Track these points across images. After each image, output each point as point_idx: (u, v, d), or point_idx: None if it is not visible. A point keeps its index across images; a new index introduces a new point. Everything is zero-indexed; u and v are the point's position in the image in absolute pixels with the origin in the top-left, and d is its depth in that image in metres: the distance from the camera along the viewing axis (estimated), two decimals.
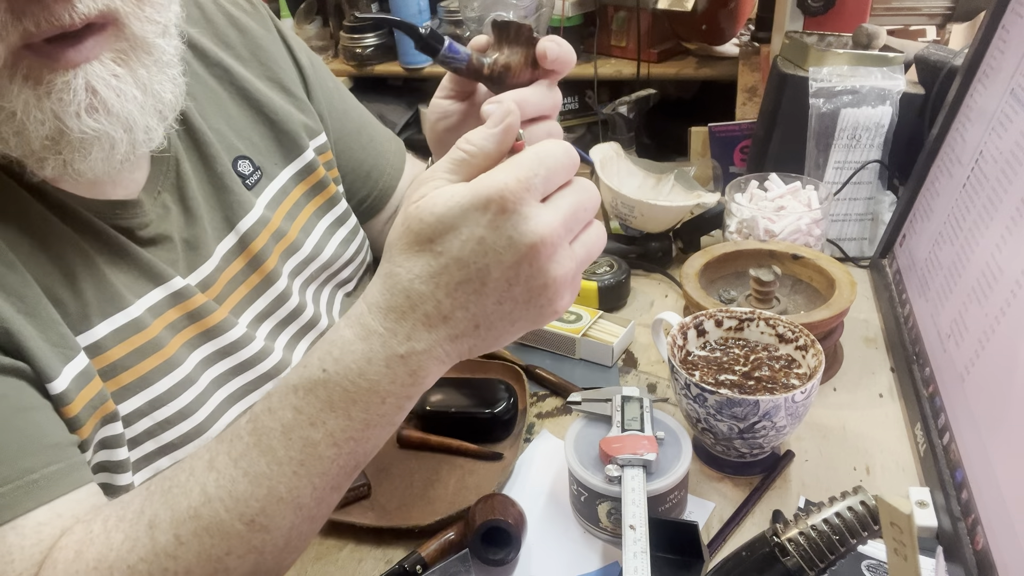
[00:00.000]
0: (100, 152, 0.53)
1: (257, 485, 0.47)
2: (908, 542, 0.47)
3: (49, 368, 0.53)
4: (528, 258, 0.43)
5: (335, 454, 0.47)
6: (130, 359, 0.59)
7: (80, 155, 0.53)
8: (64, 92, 0.50)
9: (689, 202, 1.02)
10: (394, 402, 0.47)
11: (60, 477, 0.51)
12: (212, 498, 0.48)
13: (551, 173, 0.45)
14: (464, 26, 1.57)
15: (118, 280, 0.60)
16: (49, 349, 0.53)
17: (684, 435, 0.67)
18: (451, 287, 0.44)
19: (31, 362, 0.52)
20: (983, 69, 0.84)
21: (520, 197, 0.43)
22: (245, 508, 0.47)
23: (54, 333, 0.54)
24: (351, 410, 0.46)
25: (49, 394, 0.53)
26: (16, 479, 0.49)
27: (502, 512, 0.63)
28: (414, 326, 0.45)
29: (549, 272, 0.44)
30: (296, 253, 0.75)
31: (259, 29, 0.77)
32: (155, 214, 0.63)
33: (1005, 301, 0.61)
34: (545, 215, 0.44)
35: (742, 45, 1.43)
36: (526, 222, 0.43)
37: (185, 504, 0.48)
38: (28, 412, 0.51)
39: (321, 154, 0.79)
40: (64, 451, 0.52)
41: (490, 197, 0.43)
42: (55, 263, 0.56)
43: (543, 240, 0.43)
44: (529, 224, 0.43)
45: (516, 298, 0.45)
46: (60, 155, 0.53)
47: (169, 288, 0.63)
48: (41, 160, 0.53)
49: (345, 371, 0.46)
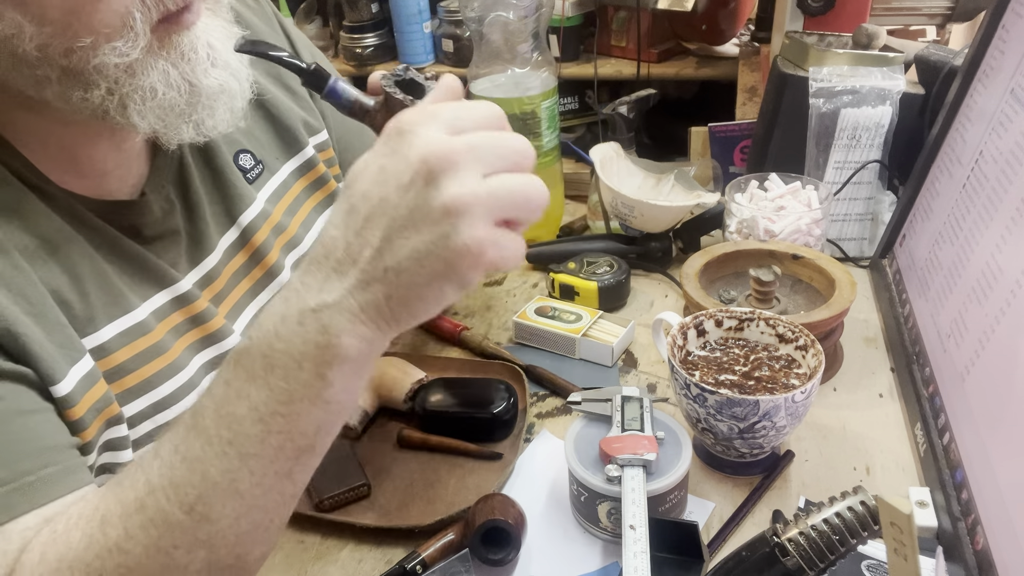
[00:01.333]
0: (224, 105, 0.57)
1: (192, 470, 0.46)
2: (908, 542, 0.47)
3: (54, 370, 0.53)
4: (421, 173, 0.41)
5: (262, 431, 0.45)
6: (135, 362, 0.60)
7: (208, 112, 0.56)
8: (191, 52, 0.54)
9: (689, 202, 1.02)
10: (311, 368, 0.44)
11: (57, 480, 0.50)
12: (155, 488, 0.47)
13: (461, 110, 0.43)
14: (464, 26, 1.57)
15: (123, 282, 0.60)
16: (55, 351, 0.53)
17: (684, 435, 0.67)
18: (358, 225, 0.43)
19: (35, 364, 0.52)
20: (983, 69, 0.84)
21: (418, 121, 0.42)
22: (184, 496, 0.46)
23: (60, 335, 0.54)
24: (270, 379, 0.44)
25: (53, 396, 0.53)
26: (12, 481, 0.49)
27: (502, 512, 0.63)
28: (327, 276, 0.43)
29: (446, 189, 0.41)
30: (297, 248, 0.75)
31: (262, 25, 0.77)
32: (160, 209, 0.63)
33: (1005, 301, 0.61)
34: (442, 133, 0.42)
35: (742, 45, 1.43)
36: (419, 138, 0.42)
37: (132, 496, 0.47)
38: (26, 416, 0.51)
39: (322, 151, 0.79)
40: (62, 454, 0.52)
41: (391, 127, 0.43)
42: (61, 265, 0.56)
43: (435, 153, 0.41)
44: (421, 138, 0.42)
45: (417, 225, 0.42)
46: (193, 117, 0.56)
47: (174, 292, 0.63)
48: (177, 128, 0.56)
49: (264, 335, 0.45)
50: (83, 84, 0.52)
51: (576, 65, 1.47)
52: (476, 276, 0.43)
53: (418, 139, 0.41)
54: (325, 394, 0.45)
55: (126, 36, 0.51)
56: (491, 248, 0.42)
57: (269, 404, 0.45)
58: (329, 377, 0.44)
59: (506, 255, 0.43)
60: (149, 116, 0.54)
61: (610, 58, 1.48)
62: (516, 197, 0.43)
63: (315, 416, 0.46)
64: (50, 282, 0.55)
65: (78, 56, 0.50)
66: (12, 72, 0.51)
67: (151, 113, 0.54)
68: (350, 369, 0.45)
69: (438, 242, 0.41)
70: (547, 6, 1.02)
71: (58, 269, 0.56)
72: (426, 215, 0.41)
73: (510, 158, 0.44)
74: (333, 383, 0.45)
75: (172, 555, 0.46)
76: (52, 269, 0.55)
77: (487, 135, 0.43)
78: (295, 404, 0.45)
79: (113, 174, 0.61)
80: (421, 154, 0.41)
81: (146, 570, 0.46)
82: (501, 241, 0.43)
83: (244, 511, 0.47)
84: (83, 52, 0.50)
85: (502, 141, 0.44)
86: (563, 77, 1.34)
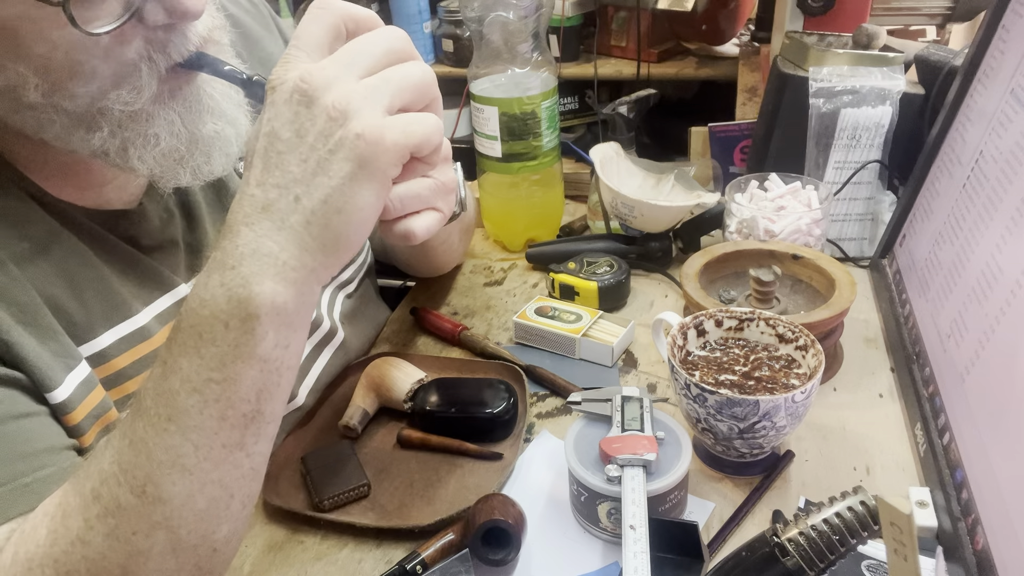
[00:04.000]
0: (220, 152, 0.57)
1: (137, 452, 0.46)
2: (908, 542, 0.47)
3: (49, 378, 0.53)
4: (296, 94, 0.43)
5: (199, 402, 0.45)
6: (136, 367, 0.59)
7: (204, 159, 0.56)
8: (195, 101, 0.54)
9: (689, 202, 1.02)
10: (238, 325, 0.43)
11: (53, 481, 0.51)
12: (107, 476, 0.47)
13: None
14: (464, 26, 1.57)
15: (124, 288, 0.59)
16: (50, 358, 0.53)
17: (684, 435, 0.67)
18: (259, 172, 0.44)
19: (29, 372, 0.52)
20: (983, 69, 0.84)
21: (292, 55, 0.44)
22: (133, 479, 0.46)
23: (54, 342, 0.54)
24: (200, 346, 0.44)
25: (49, 403, 0.53)
26: (8, 482, 0.49)
27: (502, 512, 0.63)
28: (238, 232, 0.44)
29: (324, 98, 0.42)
30: None
31: (260, 30, 0.77)
32: (158, 219, 0.63)
33: (1005, 301, 0.61)
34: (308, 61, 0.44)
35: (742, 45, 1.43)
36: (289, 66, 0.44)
37: (88, 487, 0.47)
38: (21, 419, 0.51)
39: None
40: (57, 456, 0.52)
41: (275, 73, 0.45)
42: (59, 273, 0.56)
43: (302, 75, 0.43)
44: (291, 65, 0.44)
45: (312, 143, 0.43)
46: (190, 164, 0.56)
47: (176, 295, 0.63)
48: (175, 173, 0.56)
49: (190, 304, 0.45)
50: (86, 125, 0.52)
51: (576, 65, 1.47)
52: (390, 167, 0.43)
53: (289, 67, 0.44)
54: (258, 350, 0.44)
55: (132, 86, 0.51)
56: (390, 131, 0.42)
57: (201, 372, 0.44)
58: (259, 331, 0.44)
59: (413, 130, 0.43)
60: (149, 161, 0.54)
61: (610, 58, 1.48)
62: (399, 81, 0.44)
63: (252, 377, 0.45)
64: (45, 289, 0.54)
65: (82, 101, 0.50)
66: (14, 115, 0.51)
67: (151, 158, 0.54)
68: (281, 320, 0.44)
69: (335, 147, 0.42)
70: (547, 6, 1.02)
71: (54, 276, 0.55)
72: (317, 130, 0.42)
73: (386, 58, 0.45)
74: (265, 337, 0.44)
75: (132, 541, 0.46)
76: (48, 276, 0.55)
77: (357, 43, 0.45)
78: (228, 367, 0.44)
79: (111, 184, 0.60)
80: (293, 84, 0.43)
81: (110, 560, 0.46)
82: (399, 123, 0.43)
83: (197, 487, 0.46)
84: (87, 97, 0.50)
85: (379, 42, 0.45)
86: (563, 77, 1.34)
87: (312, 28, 0.46)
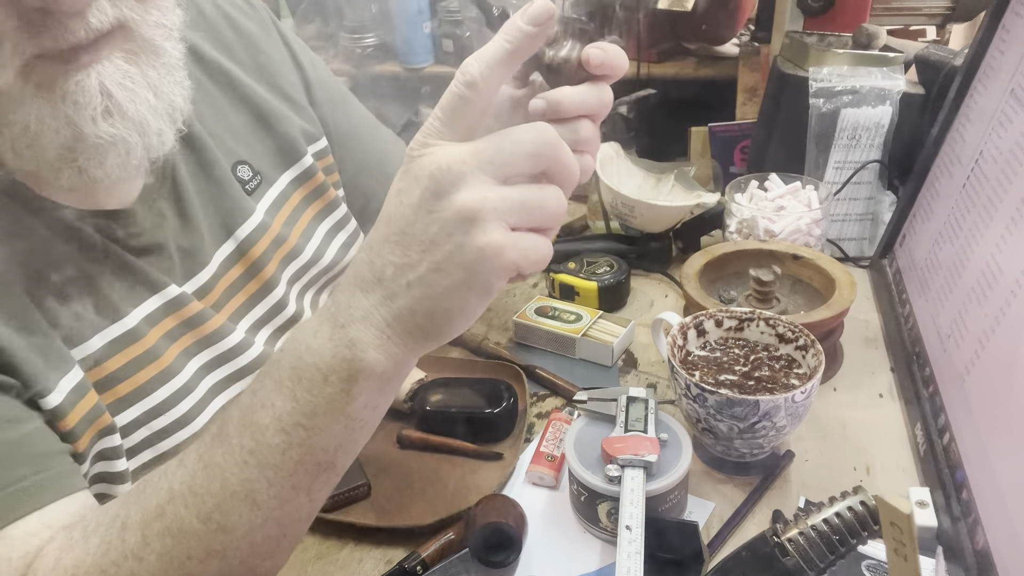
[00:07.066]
0: (116, 158, 0.53)
1: (212, 478, 0.46)
2: (908, 542, 0.47)
3: (41, 383, 0.52)
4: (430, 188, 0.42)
5: (284, 442, 0.45)
6: (126, 370, 0.59)
7: (96, 162, 0.52)
8: (79, 95, 0.49)
9: (689, 202, 1.02)
10: (337, 382, 0.44)
11: (53, 483, 0.50)
12: (175, 495, 0.47)
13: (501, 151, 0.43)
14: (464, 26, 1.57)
15: (112, 291, 0.59)
16: (42, 364, 0.53)
17: (684, 435, 0.67)
18: (380, 245, 0.44)
19: (22, 377, 0.52)
20: (983, 69, 0.84)
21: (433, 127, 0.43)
22: (202, 504, 0.46)
23: (46, 347, 0.53)
24: (296, 390, 0.45)
25: (42, 409, 0.53)
26: (8, 486, 0.49)
27: (503, 514, 0.63)
28: (353, 294, 0.44)
29: (456, 197, 0.41)
30: (296, 259, 0.74)
31: (259, 32, 0.77)
32: (150, 222, 0.62)
33: (1005, 301, 0.61)
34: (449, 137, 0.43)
35: (742, 45, 1.43)
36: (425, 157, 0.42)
37: (154, 503, 0.47)
38: (16, 424, 0.51)
39: (320, 159, 0.78)
40: (55, 459, 0.52)
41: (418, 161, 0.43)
42: (47, 277, 0.55)
43: (440, 166, 0.42)
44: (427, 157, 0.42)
45: (434, 238, 0.42)
46: (76, 163, 0.52)
47: (164, 296, 0.62)
48: (57, 171, 0.52)
49: (294, 347, 0.46)
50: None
51: None
52: (498, 281, 0.43)
53: (424, 158, 0.42)
54: (348, 409, 0.46)
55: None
56: (510, 250, 0.42)
57: (293, 415, 0.45)
58: (354, 392, 0.45)
59: (529, 255, 0.43)
60: (25, 153, 0.51)
61: None
62: (529, 201, 0.43)
63: (337, 431, 0.46)
64: (35, 294, 0.54)
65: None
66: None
67: (26, 150, 0.51)
68: (375, 385, 0.45)
69: (455, 251, 0.42)
70: None
71: (43, 280, 0.55)
72: (441, 227, 0.42)
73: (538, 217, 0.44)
74: (357, 398, 0.45)
75: (185, 565, 0.47)
76: (37, 280, 0.54)
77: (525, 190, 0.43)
78: (318, 417, 0.45)
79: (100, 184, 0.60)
80: (428, 170, 0.42)
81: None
82: (521, 243, 0.43)
83: (260, 522, 0.47)
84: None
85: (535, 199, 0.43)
86: None
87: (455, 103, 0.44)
